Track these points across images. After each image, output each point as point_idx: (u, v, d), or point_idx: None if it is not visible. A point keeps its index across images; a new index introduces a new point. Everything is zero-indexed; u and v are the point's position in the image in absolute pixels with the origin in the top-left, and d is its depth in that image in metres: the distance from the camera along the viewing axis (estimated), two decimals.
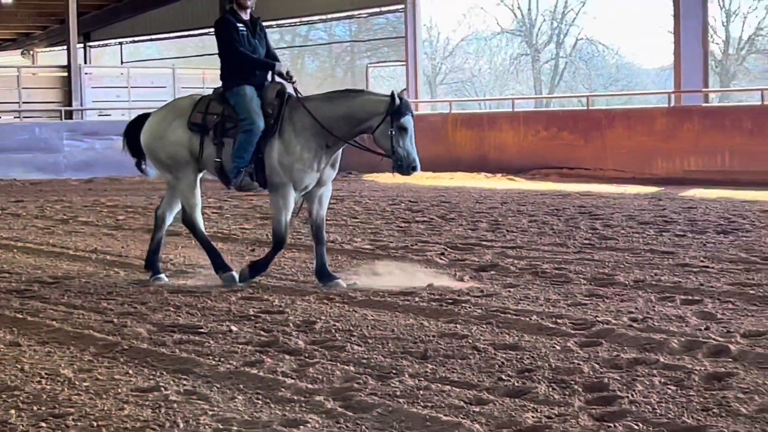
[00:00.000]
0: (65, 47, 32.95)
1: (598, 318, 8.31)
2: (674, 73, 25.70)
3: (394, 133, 9.89)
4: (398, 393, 6.34)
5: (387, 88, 43.26)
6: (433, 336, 7.92)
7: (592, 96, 33.37)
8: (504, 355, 7.23)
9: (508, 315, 8.58)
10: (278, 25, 42.78)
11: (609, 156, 24.49)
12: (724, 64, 51.56)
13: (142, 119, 11.07)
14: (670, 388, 6.27)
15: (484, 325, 8.25)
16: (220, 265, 10.56)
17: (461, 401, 6.14)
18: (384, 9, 34.51)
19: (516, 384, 6.51)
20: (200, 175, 10.77)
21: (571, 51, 57.38)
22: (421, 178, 26.06)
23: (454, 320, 8.49)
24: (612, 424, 5.59)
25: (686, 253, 11.60)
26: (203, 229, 10.90)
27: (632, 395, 6.14)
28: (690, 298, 9.05)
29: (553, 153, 25.52)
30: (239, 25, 10.54)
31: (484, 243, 13.08)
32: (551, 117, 27.61)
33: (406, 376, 6.73)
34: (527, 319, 8.38)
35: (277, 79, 10.70)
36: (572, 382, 6.45)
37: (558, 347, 7.43)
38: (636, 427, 5.54)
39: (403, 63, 32.93)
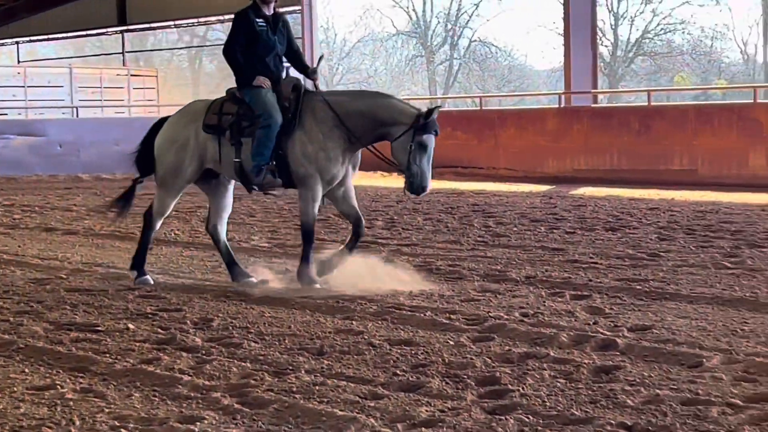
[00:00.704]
0: None
1: (490, 313, 8.38)
2: (564, 75, 26.03)
3: (413, 148, 9.51)
4: (294, 389, 6.34)
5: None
6: (330, 332, 7.94)
7: (485, 96, 33.60)
8: (399, 351, 7.26)
9: (403, 311, 8.61)
10: (176, 26, 42.61)
11: (502, 155, 24.70)
12: (613, 66, 52.39)
13: (160, 125, 10.63)
14: (559, 381, 6.36)
15: (379, 321, 8.28)
16: (138, 266, 10.35)
17: (356, 396, 6.16)
18: (281, 10, 34.32)
19: (410, 379, 6.54)
20: (187, 186, 10.48)
21: (465, 52, 57.85)
22: None
23: (350, 317, 8.52)
24: (503, 417, 5.64)
25: (576, 250, 11.76)
26: (152, 234, 10.54)
27: (523, 389, 6.21)
28: (579, 293, 9.17)
29: (448, 152, 25.58)
30: (259, 20, 10.16)
31: (380, 241, 13.11)
32: (446, 117, 27.60)
33: (303, 372, 6.74)
34: (422, 315, 8.43)
35: (293, 73, 10.44)
36: (465, 377, 6.51)
37: (451, 342, 7.48)
38: (526, 419, 5.61)
39: None
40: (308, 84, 10.38)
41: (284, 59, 10.47)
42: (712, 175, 20.69)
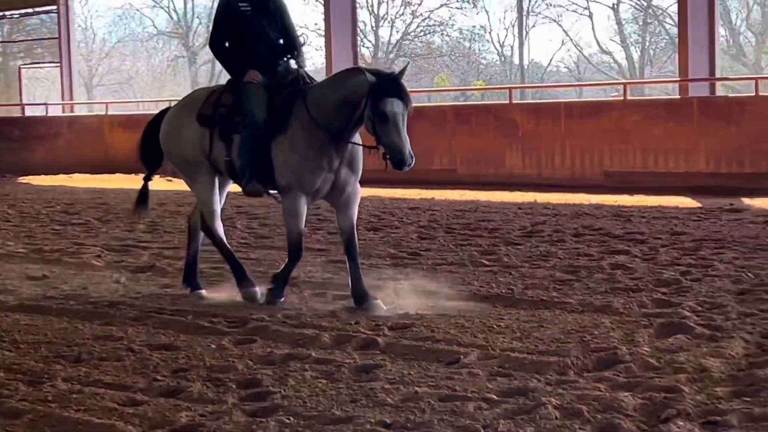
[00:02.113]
0: None
1: (252, 316, 8.36)
2: (326, 74, 26.21)
3: (374, 119, 8.12)
4: (50, 398, 6.18)
5: (43, 91, 41.62)
6: (88, 339, 7.77)
7: None
8: (159, 356, 7.17)
9: (164, 315, 8.52)
10: None
11: None
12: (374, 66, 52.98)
13: (162, 115, 9.78)
14: (321, 382, 6.38)
15: (140, 327, 8.17)
16: (241, 278, 9.25)
17: (115, 403, 6.05)
18: (38, 9, 33.57)
19: (170, 384, 6.46)
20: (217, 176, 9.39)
21: None
22: (79, 180, 25.53)
23: (109, 322, 8.36)
24: (264, 420, 5.63)
25: (339, 251, 11.83)
26: (224, 237, 9.60)
27: (284, 390, 6.21)
28: (341, 293, 9.22)
29: None
30: (242, 4, 9.02)
31: (141, 244, 12.93)
32: None
33: (59, 380, 6.57)
34: (183, 318, 8.35)
35: (294, 64, 9.18)
36: (226, 380, 6.47)
37: (213, 346, 7.43)
38: (287, 420, 5.61)
39: (58, 64, 32.13)
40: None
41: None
42: (470, 174, 21.12)
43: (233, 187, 9.62)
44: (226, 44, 9.27)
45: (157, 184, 23.82)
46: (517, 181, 20.41)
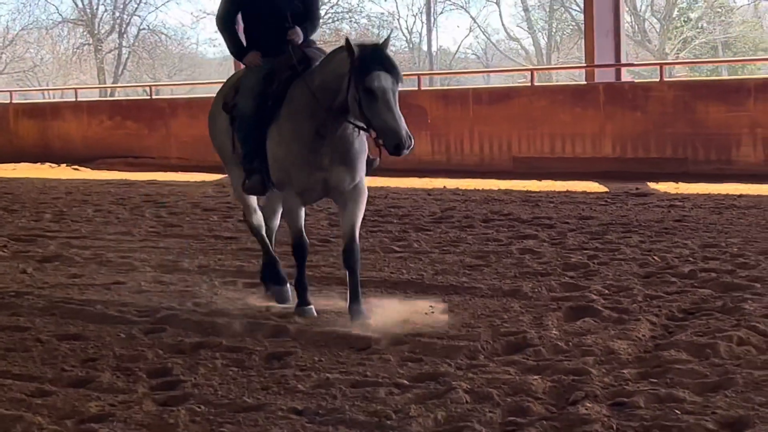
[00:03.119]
0: None
1: (162, 304, 8.31)
2: (234, 65, 26.06)
3: (360, 98, 6.96)
4: None
5: None
6: None
7: (156, 85, 33.17)
8: (68, 346, 7.11)
9: (72, 305, 8.43)
10: None
11: (173, 145, 24.47)
12: None
13: None
14: (232, 370, 6.37)
15: (47, 317, 8.09)
16: (272, 277, 8.56)
17: (23, 394, 6.00)
18: None
19: (80, 374, 6.43)
20: None
21: (134, 41, 57.00)
22: None
23: (16, 313, 8.28)
24: (175, 408, 5.61)
25: (248, 239, 11.79)
26: (263, 233, 8.76)
27: (195, 378, 6.19)
28: (251, 281, 9.19)
29: (119, 142, 25.19)
30: None
31: (48, 234, 12.74)
32: (115, 106, 27.18)
33: None
34: (92, 308, 8.27)
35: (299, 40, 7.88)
36: (136, 369, 6.43)
37: (123, 335, 7.39)
38: (198, 409, 5.59)
39: None
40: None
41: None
42: (382, 161, 21.08)
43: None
44: (237, 21, 8.20)
45: (64, 172, 23.63)
46: (427, 167, 20.45)
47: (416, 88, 22.56)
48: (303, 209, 7.86)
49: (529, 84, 21.12)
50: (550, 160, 19.76)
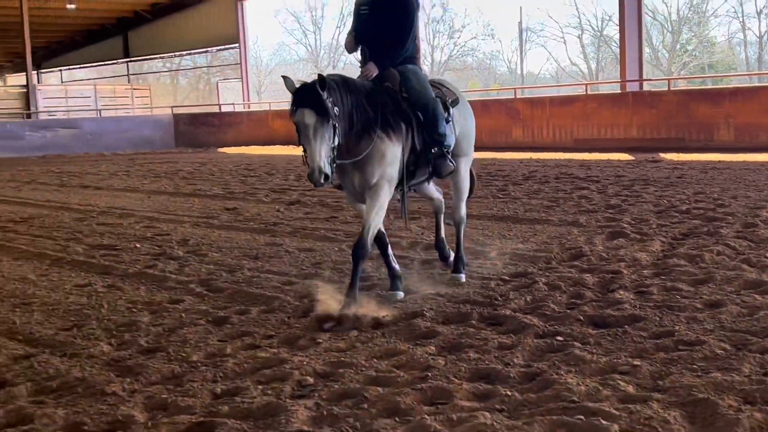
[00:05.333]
0: (25, 73, 31.28)
1: None
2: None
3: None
4: (241, 280, 6.18)
5: (231, 96, 41.40)
6: (261, 245, 7.71)
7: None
8: (304, 255, 7.06)
9: (306, 231, 8.33)
10: (160, 57, 41.70)
11: None
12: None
13: None
14: None
15: (293, 237, 8.00)
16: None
17: (278, 283, 5.97)
18: (228, 46, 34.10)
19: (310, 271, 6.37)
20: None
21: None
22: (253, 150, 25.59)
23: (273, 234, 8.21)
24: None
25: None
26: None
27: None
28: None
29: None
30: (362, 6, 5.54)
31: (291, 189, 12.77)
32: None
33: (246, 270, 6.57)
34: (318, 233, 8.18)
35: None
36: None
37: (336, 249, 7.29)
38: None
39: (240, 80, 32.68)
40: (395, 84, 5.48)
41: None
42: (490, 142, 20.87)
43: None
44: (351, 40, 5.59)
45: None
46: (520, 146, 20.43)
47: (513, 97, 22.29)
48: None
49: (585, 93, 20.71)
50: (597, 140, 19.48)
